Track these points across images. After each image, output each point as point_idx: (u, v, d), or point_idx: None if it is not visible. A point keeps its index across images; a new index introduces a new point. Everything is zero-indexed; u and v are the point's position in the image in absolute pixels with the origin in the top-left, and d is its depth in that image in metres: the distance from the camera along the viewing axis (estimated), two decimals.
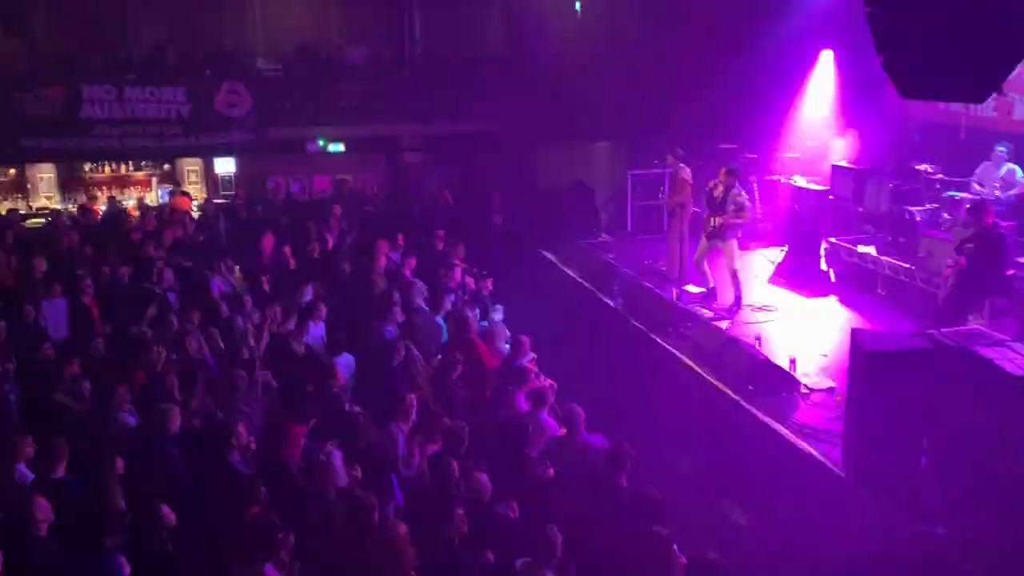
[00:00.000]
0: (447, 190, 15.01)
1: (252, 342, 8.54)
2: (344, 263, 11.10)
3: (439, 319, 9.27)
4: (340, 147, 16.04)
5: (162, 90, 14.04)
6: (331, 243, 12.08)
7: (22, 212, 14.10)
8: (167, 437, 6.41)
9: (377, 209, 15.24)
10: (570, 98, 14.24)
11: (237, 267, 11.03)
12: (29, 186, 15.31)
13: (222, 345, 8.67)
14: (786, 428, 7.29)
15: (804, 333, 9.62)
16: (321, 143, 15.77)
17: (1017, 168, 9.66)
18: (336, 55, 16.14)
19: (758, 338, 9.15)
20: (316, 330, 8.93)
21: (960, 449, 5.81)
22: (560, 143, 14.98)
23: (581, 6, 15.17)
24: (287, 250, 11.43)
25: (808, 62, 12.93)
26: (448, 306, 9.50)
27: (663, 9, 13.12)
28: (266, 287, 10.34)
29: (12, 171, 15.26)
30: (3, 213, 13.75)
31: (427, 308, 9.51)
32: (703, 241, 10.36)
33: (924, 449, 6.12)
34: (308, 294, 9.88)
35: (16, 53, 14.45)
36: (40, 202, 15.09)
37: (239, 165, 16.16)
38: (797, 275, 11.18)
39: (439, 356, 8.50)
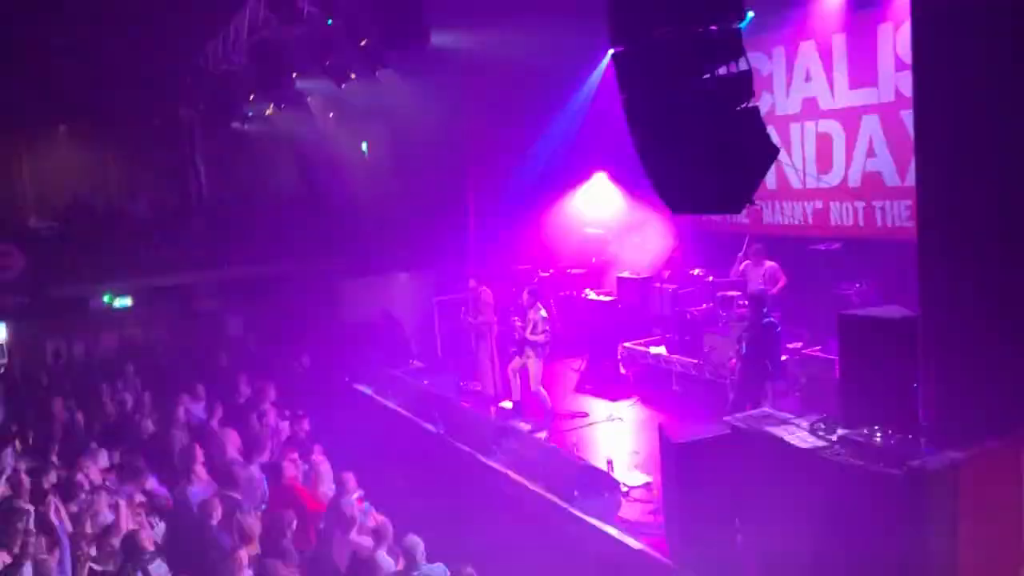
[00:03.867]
0: (250, 333, 14.69)
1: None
2: (146, 422, 10.50)
3: (256, 468, 8.94)
4: (127, 301, 15.34)
5: None
6: (130, 403, 11.40)
7: None
8: None
9: (173, 361, 14.59)
10: (366, 234, 14.59)
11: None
12: None
13: None
14: (613, 527, 7.61)
15: (614, 434, 10.17)
16: (106, 299, 15.01)
17: (775, 264, 10.89)
18: (116, 207, 15.63)
19: (575, 444, 9.58)
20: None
21: (767, 523, 6.34)
22: (362, 277, 15.21)
23: (368, 148, 15.80)
24: (79, 416, 10.68)
25: (585, 181, 14.08)
26: (265, 454, 9.19)
27: (443, 145, 13.86)
28: (54, 458, 9.55)
29: None
30: None
31: (241, 460, 9.15)
32: (513, 358, 10.81)
33: (737, 528, 6.62)
34: (105, 460, 9.25)
35: None
36: None
37: (11, 331, 15.00)
38: (600, 381, 11.86)
39: (263, 508, 8.16)
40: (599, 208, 14.07)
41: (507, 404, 11.15)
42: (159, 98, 14.49)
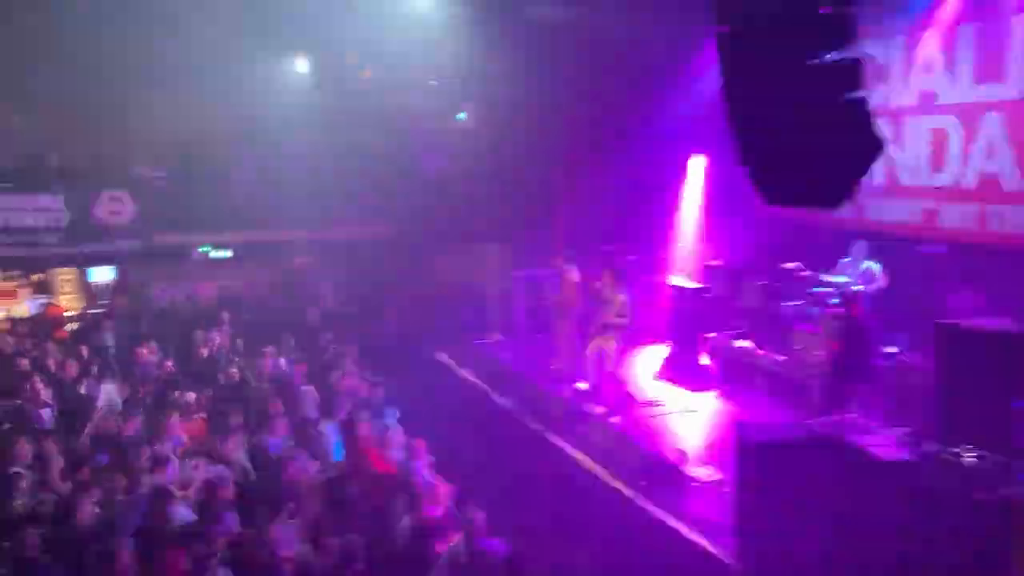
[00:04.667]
0: (340, 294, 14.97)
1: None
2: (231, 369, 10.82)
3: (331, 427, 9.11)
4: (227, 253, 15.82)
5: (38, 198, 13.59)
6: (220, 350, 11.82)
7: None
8: None
9: (263, 315, 15.03)
10: (459, 203, 14.61)
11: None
12: None
13: None
14: (679, 522, 7.44)
15: (691, 427, 9.94)
16: (207, 249, 15.52)
17: (873, 264, 10.41)
18: (223, 162, 16.09)
19: (648, 433, 9.40)
20: None
21: (841, 535, 6.07)
22: (450, 246, 15.27)
23: (466, 115, 15.79)
24: (168, 359, 11.14)
25: (682, 167, 13.75)
26: (341, 413, 9.36)
27: (538, 118, 13.70)
28: (142, 395, 9.97)
29: None
30: None
31: (319, 416, 9.36)
32: (593, 339, 10.67)
33: (810, 537, 6.37)
34: (190, 401, 9.59)
35: None
36: None
37: (118, 274, 15.70)
38: (681, 370, 11.60)
39: (333, 466, 8.32)
40: (694, 193, 13.71)
41: (583, 385, 11.03)
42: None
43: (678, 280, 12.52)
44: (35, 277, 15.75)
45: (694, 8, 6.84)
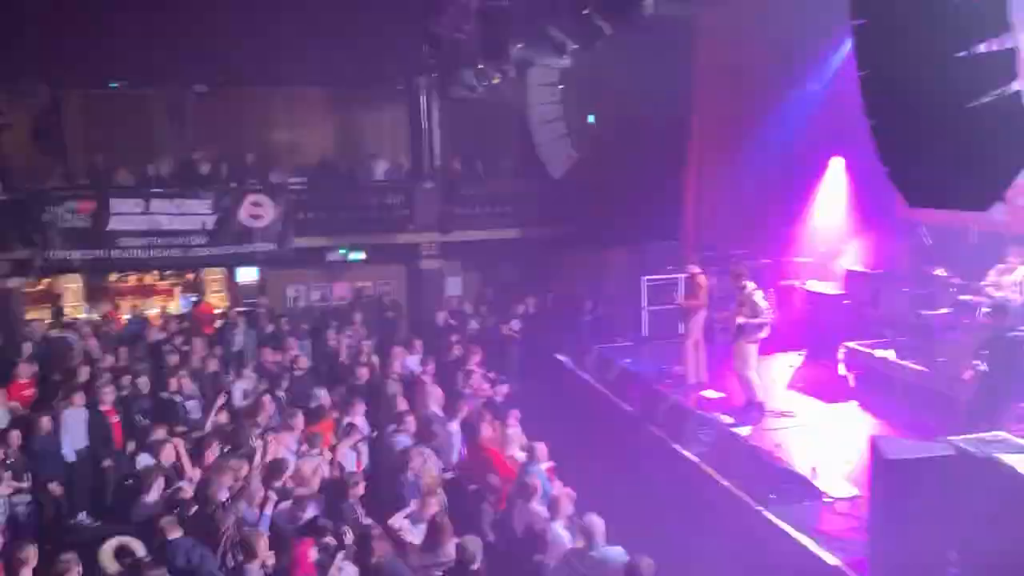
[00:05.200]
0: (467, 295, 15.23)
1: None
2: (363, 369, 11.16)
3: (454, 426, 9.25)
4: (360, 255, 16.33)
5: (188, 202, 14.42)
6: (353, 349, 12.26)
7: (47, 321, 14.35)
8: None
9: (393, 315, 15.48)
10: (585, 206, 14.54)
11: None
12: (56, 296, 15.65)
13: None
14: (809, 538, 7.11)
15: (825, 439, 9.48)
16: (341, 252, 16.08)
17: None
18: (358, 168, 16.66)
19: (778, 445, 9.04)
20: None
21: (986, 561, 5.65)
22: (576, 250, 15.22)
23: (594, 118, 15.70)
24: (302, 356, 11.63)
25: (819, 168, 13.19)
26: (464, 413, 9.48)
27: (667, 120, 13.45)
28: (281, 393, 10.41)
29: (43, 281, 15.62)
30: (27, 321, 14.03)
31: (442, 415, 9.51)
32: (734, 344, 10.25)
33: (951, 561, 5.95)
34: (322, 398, 9.96)
35: (49, 167, 15.02)
36: (66, 312, 15.36)
37: (261, 274, 16.50)
38: (816, 380, 11.11)
39: (454, 464, 8.44)
40: (832, 195, 13.12)
41: (710, 393, 10.73)
42: (398, 67, 15.21)
43: (815, 286, 12.00)
44: (187, 277, 16.80)
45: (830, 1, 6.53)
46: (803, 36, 11.12)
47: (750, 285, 9.97)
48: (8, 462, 8.32)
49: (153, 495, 7.30)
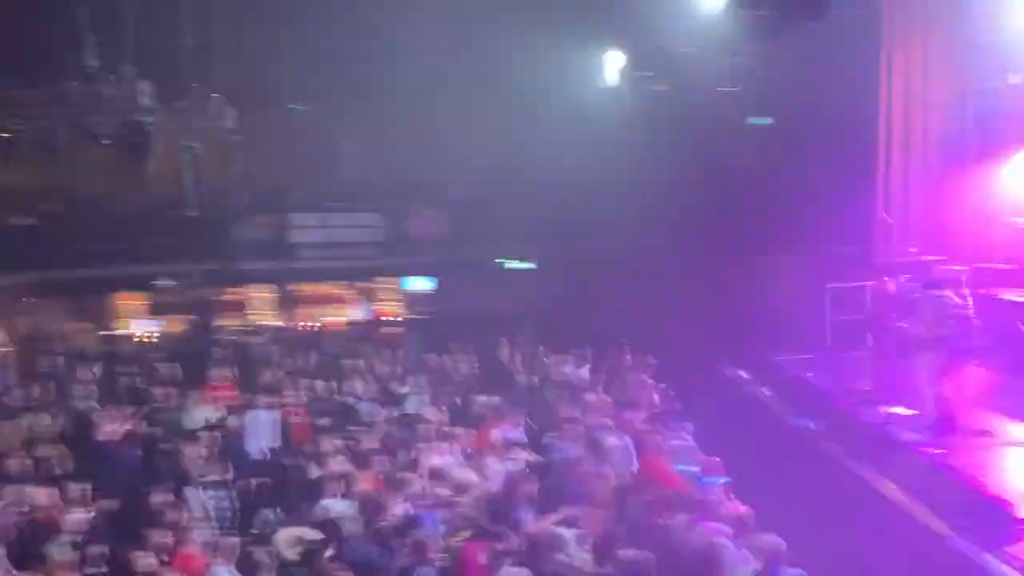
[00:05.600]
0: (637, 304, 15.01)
1: None
2: (531, 376, 11.23)
3: (625, 438, 9.08)
4: (531, 264, 16.44)
5: (361, 215, 15.05)
6: (520, 357, 12.35)
7: (237, 327, 15.38)
8: None
9: (562, 324, 15.44)
10: (762, 211, 13.99)
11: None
12: (244, 304, 16.76)
13: None
14: (1005, 566, 6.44)
15: None
16: (512, 262, 16.25)
17: None
18: (525, 179, 16.80)
19: (977, 467, 8.26)
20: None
21: None
22: (752, 255, 14.64)
23: (762, 118, 15.07)
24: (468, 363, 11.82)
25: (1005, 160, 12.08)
26: (635, 424, 9.30)
27: (857, 115, 12.72)
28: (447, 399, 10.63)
29: (233, 291, 16.76)
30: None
31: (612, 425, 9.37)
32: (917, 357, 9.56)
33: None
34: (485, 405, 10.08)
35: (236, 185, 16.14)
36: (254, 319, 16.40)
37: (431, 282, 16.97)
38: (1018, 398, 10.11)
39: (625, 476, 8.28)
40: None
41: (900, 410, 9.98)
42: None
43: (1011, 295, 10.95)
44: (360, 286, 17.55)
45: None
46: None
47: (949, 294, 9.23)
48: (206, 460, 8.91)
49: (330, 496, 7.59)
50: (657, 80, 13.27)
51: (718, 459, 7.82)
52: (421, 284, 17.09)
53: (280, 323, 16.08)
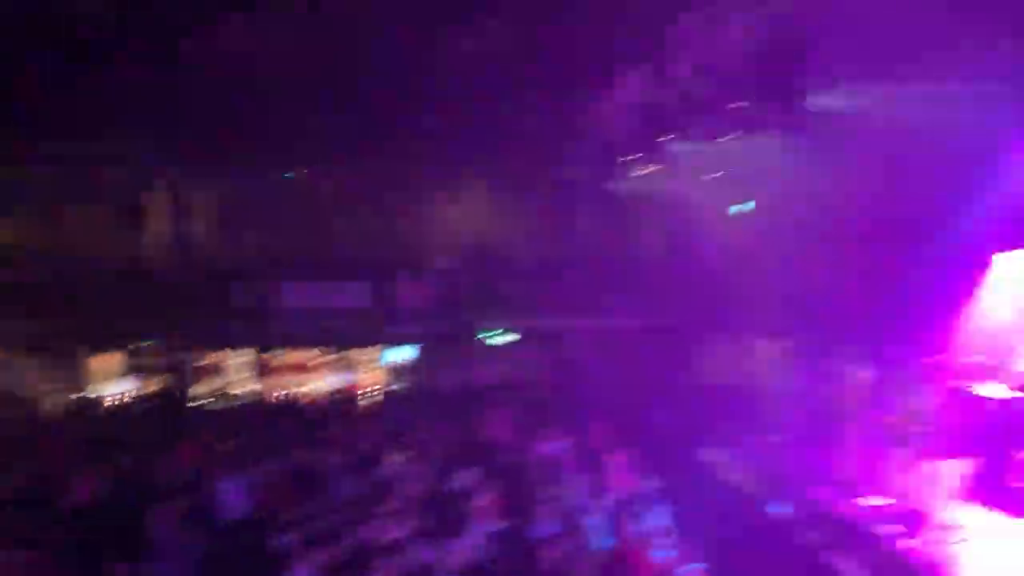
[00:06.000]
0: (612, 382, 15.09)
1: None
2: (507, 450, 11.18)
3: (598, 519, 9.04)
4: (509, 337, 16.55)
5: (349, 284, 15.16)
6: (499, 429, 12.31)
7: (214, 392, 15.27)
8: None
9: (539, 399, 15.47)
10: (735, 296, 14.23)
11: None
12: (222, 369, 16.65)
13: None
14: None
15: (998, 557, 8.65)
16: (490, 334, 16.35)
17: None
18: (509, 253, 17.06)
19: (947, 560, 8.31)
20: None
21: None
22: (726, 340, 14.85)
23: (741, 208, 15.48)
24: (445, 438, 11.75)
25: (991, 263, 12.40)
26: (609, 505, 9.28)
27: (828, 205, 13.09)
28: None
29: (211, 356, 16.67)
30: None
31: (587, 505, 9.34)
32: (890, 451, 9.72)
33: None
34: (467, 479, 9.99)
35: (225, 251, 16.23)
36: (231, 384, 16.28)
37: (412, 353, 16.98)
38: (987, 491, 10.21)
39: (596, 559, 8.22)
40: (1004, 294, 12.25)
41: (876, 500, 10.04)
42: (553, 155, 15.65)
43: (986, 389, 11.15)
44: (339, 354, 17.51)
45: (1005, 97, 6.23)
46: (976, 129, 10.63)
47: (920, 392, 9.45)
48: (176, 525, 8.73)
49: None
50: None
51: (694, 543, 7.79)
52: (402, 354, 17.09)
53: (257, 389, 15.97)
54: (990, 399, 10.75)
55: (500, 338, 16.63)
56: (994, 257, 12.34)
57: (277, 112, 14.14)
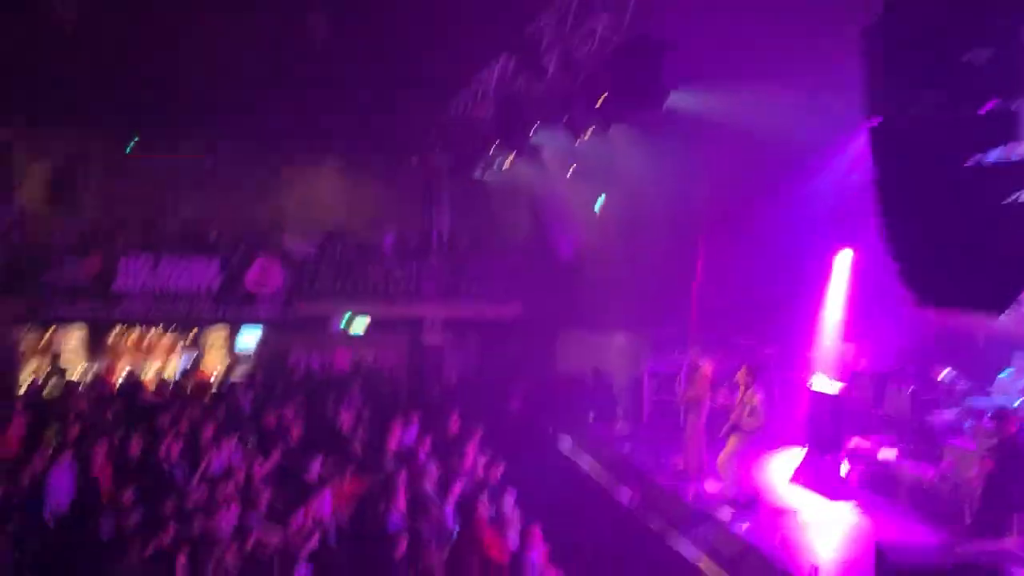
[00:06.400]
0: (467, 371, 15.13)
1: None
2: (357, 442, 10.98)
3: (448, 506, 9.03)
4: (363, 328, 16.28)
5: (195, 262, 14.49)
6: (349, 420, 12.04)
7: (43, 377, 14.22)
8: None
9: (392, 388, 15.32)
10: (590, 289, 14.56)
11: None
12: (55, 348, 15.57)
13: None
14: None
15: (825, 538, 9.25)
16: (344, 323, 16.04)
17: None
18: (364, 238, 16.77)
19: (779, 542, 8.79)
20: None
21: None
22: (579, 331, 15.18)
23: (600, 204, 15.87)
24: (296, 425, 11.42)
25: (828, 259, 13.18)
26: (457, 492, 9.27)
27: (674, 207, 13.58)
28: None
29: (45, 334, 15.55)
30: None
31: (437, 493, 9.31)
32: (724, 438, 10.20)
33: None
34: (314, 469, 9.75)
35: (60, 223, 15.15)
36: (65, 366, 15.22)
37: (263, 337, 16.44)
38: (817, 477, 10.89)
39: (448, 545, 8.21)
40: (839, 289, 13.09)
41: (711, 486, 10.52)
42: (413, 143, 15.52)
43: (818, 383, 11.87)
44: (189, 335, 16.73)
45: (847, 94, 6.59)
46: (816, 126, 11.27)
47: (759, 383, 9.96)
48: None
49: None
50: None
51: (538, 527, 7.89)
52: (251, 341, 16.50)
53: (92, 370, 15.02)
54: (822, 393, 11.45)
55: (355, 325, 16.34)
56: (835, 256, 13.17)
57: (122, 84, 13.35)
